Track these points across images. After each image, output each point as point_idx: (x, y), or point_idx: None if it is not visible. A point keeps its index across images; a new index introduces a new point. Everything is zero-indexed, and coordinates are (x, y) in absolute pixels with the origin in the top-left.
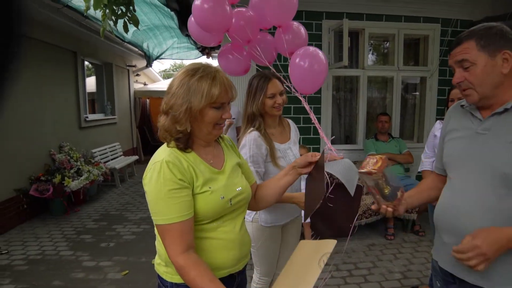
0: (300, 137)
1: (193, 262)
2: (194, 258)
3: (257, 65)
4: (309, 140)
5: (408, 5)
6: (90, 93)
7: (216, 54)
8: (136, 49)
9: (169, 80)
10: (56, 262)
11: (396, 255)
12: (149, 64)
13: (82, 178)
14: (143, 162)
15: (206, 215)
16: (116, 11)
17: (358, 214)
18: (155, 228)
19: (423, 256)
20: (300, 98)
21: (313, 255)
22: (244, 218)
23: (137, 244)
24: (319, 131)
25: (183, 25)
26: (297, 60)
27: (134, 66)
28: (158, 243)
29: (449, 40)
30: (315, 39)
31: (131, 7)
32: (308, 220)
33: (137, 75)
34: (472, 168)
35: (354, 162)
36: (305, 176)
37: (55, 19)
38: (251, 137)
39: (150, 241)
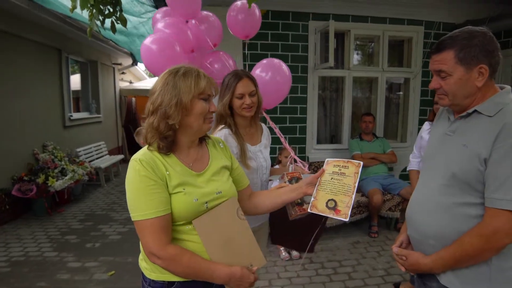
0: (286, 137)
1: (182, 249)
2: (180, 247)
3: None
4: (295, 140)
5: (393, 8)
6: (75, 91)
7: None
8: (122, 47)
9: (155, 79)
10: (40, 263)
11: (379, 253)
12: (135, 62)
13: (66, 177)
14: (128, 161)
15: (179, 216)
16: (103, 10)
17: (321, 234)
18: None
19: None
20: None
21: (228, 218)
22: None
23: (123, 244)
24: (285, 144)
25: None
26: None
27: (120, 64)
28: None
29: (432, 42)
30: (301, 40)
31: (118, 7)
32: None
33: (123, 73)
34: (432, 166)
35: None
36: (276, 178)
37: (38, 16)
38: (221, 134)
39: (136, 241)
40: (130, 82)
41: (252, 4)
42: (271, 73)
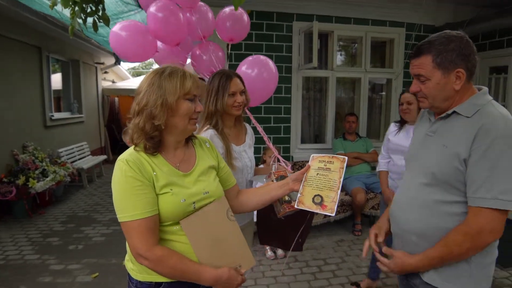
0: (270, 137)
1: (169, 250)
2: (168, 248)
3: None
4: (280, 140)
5: (375, 9)
6: (56, 91)
7: None
8: (104, 46)
9: (139, 78)
10: (21, 266)
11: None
12: (117, 62)
13: (48, 179)
14: (111, 161)
15: (167, 216)
16: (86, 9)
17: (308, 231)
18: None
19: None
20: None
21: (217, 218)
22: None
23: (107, 246)
24: (269, 144)
25: None
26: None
27: (102, 63)
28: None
29: (413, 44)
30: (285, 40)
31: (101, 5)
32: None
33: (105, 72)
34: (415, 165)
35: None
36: (259, 179)
37: (18, 13)
38: (206, 134)
39: (120, 242)
40: (113, 82)
41: (241, 8)
42: (257, 70)
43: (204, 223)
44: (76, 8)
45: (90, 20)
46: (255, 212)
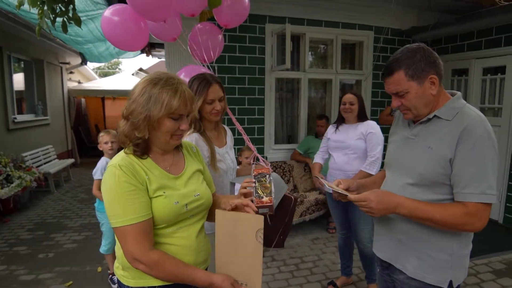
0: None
1: (165, 254)
2: (163, 251)
3: None
4: (254, 140)
5: (345, 13)
6: (18, 92)
7: (157, 53)
8: (70, 45)
9: (106, 79)
10: None
11: (338, 247)
12: (84, 62)
13: (13, 185)
14: (79, 165)
15: (161, 219)
16: (55, 9)
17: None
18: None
19: None
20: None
21: (247, 230)
22: (203, 226)
23: (80, 253)
24: (249, 144)
25: None
26: None
27: (68, 63)
28: (117, 247)
29: (381, 47)
30: (258, 42)
31: (71, 5)
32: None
33: (71, 72)
34: (399, 167)
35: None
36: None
37: None
38: (191, 138)
39: (94, 248)
40: (79, 82)
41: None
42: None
43: (235, 225)
44: (45, 7)
45: (58, 19)
46: None
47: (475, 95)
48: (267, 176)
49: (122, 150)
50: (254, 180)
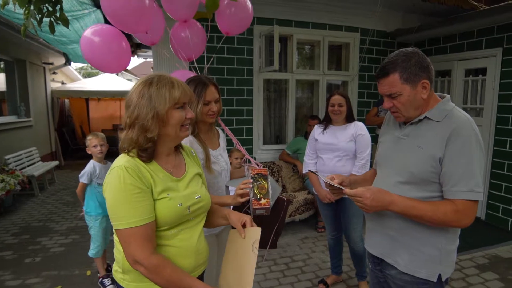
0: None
1: (165, 259)
2: (164, 256)
3: None
4: (242, 141)
5: (331, 15)
6: (0, 93)
7: (143, 53)
8: (54, 45)
9: (90, 79)
10: None
11: (327, 246)
12: (68, 62)
13: None
14: (63, 167)
15: (164, 221)
16: (42, 9)
17: (282, 228)
18: (114, 235)
19: None
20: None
21: (244, 242)
22: (203, 228)
23: (68, 256)
24: (239, 146)
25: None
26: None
27: (51, 63)
28: (117, 250)
29: (367, 48)
30: (246, 43)
31: (58, 5)
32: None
33: (54, 73)
34: (390, 166)
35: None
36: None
37: None
38: (186, 141)
39: (82, 252)
40: (62, 83)
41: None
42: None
43: (237, 240)
44: (32, 7)
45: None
46: None
47: (457, 96)
48: (265, 177)
49: (123, 153)
50: (251, 180)
